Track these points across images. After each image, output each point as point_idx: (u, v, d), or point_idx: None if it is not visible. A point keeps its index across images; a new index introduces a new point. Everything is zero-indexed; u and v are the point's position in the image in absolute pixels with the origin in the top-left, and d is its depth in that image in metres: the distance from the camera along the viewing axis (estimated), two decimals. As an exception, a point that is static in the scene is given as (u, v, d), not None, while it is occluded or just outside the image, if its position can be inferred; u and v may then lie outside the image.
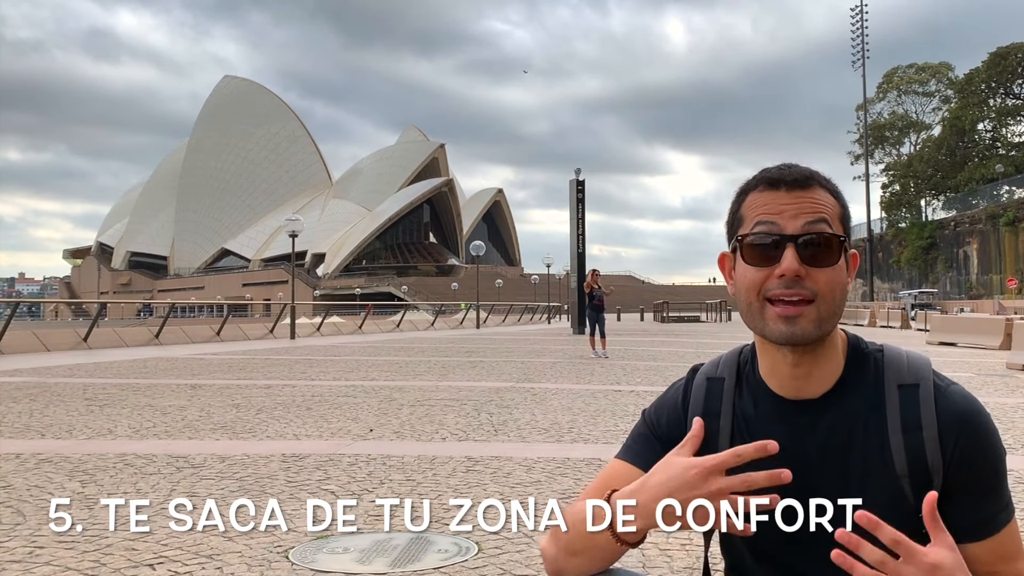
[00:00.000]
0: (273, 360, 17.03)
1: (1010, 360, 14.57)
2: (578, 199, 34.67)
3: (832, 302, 1.25)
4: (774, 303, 1.24)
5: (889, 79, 79.61)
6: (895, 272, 73.17)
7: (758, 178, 1.30)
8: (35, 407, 9.12)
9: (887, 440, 1.27)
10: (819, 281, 1.24)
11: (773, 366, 1.32)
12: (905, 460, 1.26)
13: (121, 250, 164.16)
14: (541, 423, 7.87)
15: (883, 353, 1.33)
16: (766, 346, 1.32)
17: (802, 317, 1.23)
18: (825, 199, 1.28)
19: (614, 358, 16.82)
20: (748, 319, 1.29)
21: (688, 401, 1.39)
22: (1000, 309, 41.13)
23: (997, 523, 1.27)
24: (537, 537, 3.98)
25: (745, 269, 1.27)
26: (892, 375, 1.30)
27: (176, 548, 3.78)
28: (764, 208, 1.27)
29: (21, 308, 35.36)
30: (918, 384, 1.29)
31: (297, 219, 32.66)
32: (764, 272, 1.25)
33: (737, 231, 1.30)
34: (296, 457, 6.06)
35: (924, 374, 1.30)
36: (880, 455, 1.27)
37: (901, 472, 1.26)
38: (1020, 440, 6.90)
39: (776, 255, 1.24)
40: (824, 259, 1.24)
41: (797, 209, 1.25)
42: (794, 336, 1.24)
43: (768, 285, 1.25)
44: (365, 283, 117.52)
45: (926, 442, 1.26)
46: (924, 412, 1.26)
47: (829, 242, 1.25)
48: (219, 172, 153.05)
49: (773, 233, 1.25)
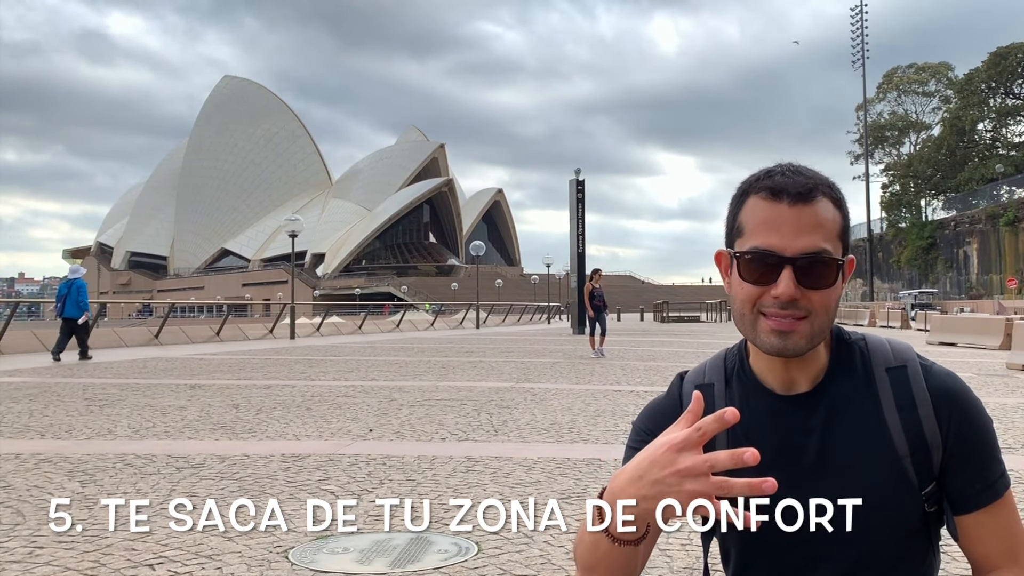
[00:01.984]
0: (273, 360, 17.02)
1: (1010, 360, 14.57)
2: (578, 199, 34.62)
3: (825, 318, 1.26)
4: (768, 317, 1.25)
5: (889, 79, 79.62)
6: (895, 272, 73.15)
7: (759, 184, 1.27)
8: (35, 407, 9.12)
9: (884, 422, 1.28)
10: (814, 301, 1.24)
11: (766, 364, 1.33)
12: (905, 439, 1.27)
13: (121, 250, 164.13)
14: (541, 423, 7.87)
15: (866, 341, 1.36)
16: (757, 350, 1.33)
17: (795, 333, 1.24)
18: (827, 212, 1.25)
19: (614, 358, 16.82)
20: (740, 327, 1.30)
21: (683, 409, 1.38)
22: (1000, 309, 41.13)
23: (998, 488, 1.30)
24: (537, 537, 3.98)
25: (741, 283, 1.27)
26: (879, 360, 1.32)
27: (176, 548, 3.78)
28: (764, 223, 1.25)
29: (21, 308, 35.34)
30: (905, 365, 1.31)
31: (297, 219, 32.67)
32: (760, 289, 1.25)
33: (735, 238, 1.29)
34: (296, 457, 6.06)
35: (909, 356, 1.33)
36: (879, 438, 1.28)
37: (903, 452, 1.27)
38: (1020, 440, 6.89)
39: (773, 275, 1.23)
40: (821, 282, 1.24)
41: (797, 226, 1.23)
42: (785, 350, 1.25)
43: (763, 301, 1.25)
44: (365, 283, 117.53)
45: (923, 420, 1.27)
46: (916, 390, 1.29)
47: (828, 265, 1.24)
48: (219, 172, 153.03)
49: (771, 253, 1.23)
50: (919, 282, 67.27)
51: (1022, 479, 5.26)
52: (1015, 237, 56.46)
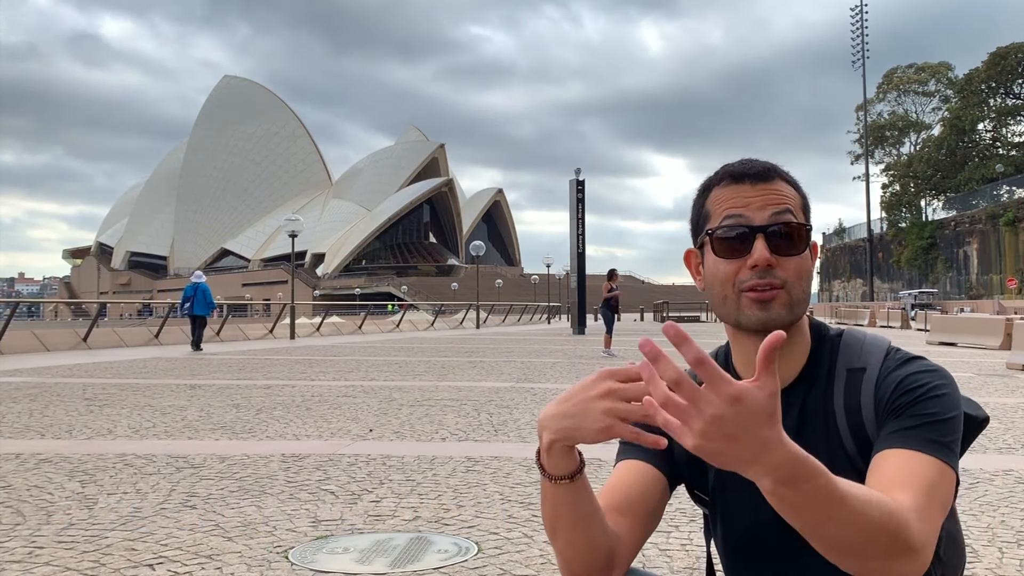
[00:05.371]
0: (273, 360, 17.02)
1: (1010, 360, 14.57)
2: (578, 199, 34.60)
3: (800, 288, 1.29)
4: (748, 291, 1.28)
5: (889, 79, 79.64)
6: (895, 272, 73.17)
7: (720, 173, 1.34)
8: (35, 407, 9.12)
9: (837, 424, 1.30)
10: (788, 269, 1.27)
11: (748, 357, 1.34)
12: (852, 441, 1.29)
13: (121, 250, 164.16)
14: (541, 423, 7.86)
15: (841, 338, 1.37)
16: (740, 337, 1.34)
17: (775, 301, 1.26)
18: (787, 190, 1.31)
19: (614, 358, 16.83)
20: (723, 310, 1.31)
21: None
22: (1000, 309, 41.16)
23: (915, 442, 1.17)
24: (537, 537, 3.98)
25: (716, 262, 1.30)
26: (844, 360, 1.34)
27: (176, 548, 3.78)
28: (731, 202, 1.30)
29: (21, 308, 35.36)
30: (865, 368, 1.32)
31: (297, 219, 32.63)
32: (736, 264, 1.28)
33: (704, 226, 1.33)
34: (296, 457, 6.06)
35: (873, 359, 1.32)
36: (838, 439, 1.30)
37: (851, 451, 1.28)
38: (1020, 440, 6.89)
39: (746, 247, 1.27)
40: (792, 248, 1.28)
41: (763, 201, 1.28)
42: (770, 320, 1.27)
43: (741, 277, 1.28)
44: (365, 283, 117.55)
45: (865, 421, 1.28)
46: (864, 395, 1.29)
47: (797, 231, 1.28)
48: (219, 172, 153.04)
49: (742, 225, 1.28)
50: (919, 282, 67.28)
51: (1022, 479, 5.26)
52: (1015, 237, 56.47)
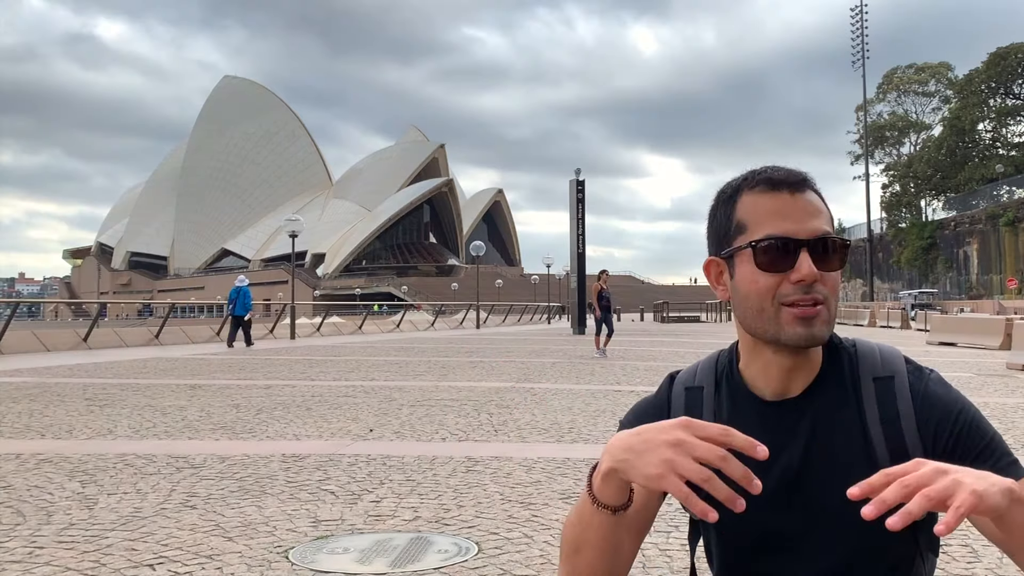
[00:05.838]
0: (273, 360, 17.02)
1: (1010, 360, 14.57)
2: (578, 199, 34.59)
3: (835, 304, 1.27)
4: (790, 306, 1.25)
5: (889, 79, 79.62)
6: (895, 272, 73.15)
7: (753, 180, 1.29)
8: (35, 407, 9.12)
9: (868, 433, 1.28)
10: (828, 284, 1.25)
11: (766, 368, 1.31)
12: (886, 449, 1.26)
13: (121, 250, 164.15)
14: (541, 423, 7.87)
15: (856, 348, 1.35)
16: (760, 349, 1.31)
17: (817, 318, 1.24)
18: (819, 202, 1.28)
19: (614, 358, 16.82)
20: (758, 324, 1.27)
21: (670, 410, 1.38)
22: (1000, 309, 41.14)
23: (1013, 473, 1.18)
24: (537, 537, 3.98)
25: (756, 274, 1.26)
26: (867, 369, 1.32)
27: (176, 548, 3.78)
28: (771, 213, 1.26)
29: (21, 308, 35.35)
30: (893, 376, 1.30)
31: (297, 219, 32.63)
32: (777, 278, 1.25)
33: (734, 235, 1.28)
34: (296, 457, 6.06)
35: (898, 367, 1.31)
36: (863, 448, 1.27)
37: (883, 461, 1.25)
38: (1020, 440, 6.89)
39: (789, 260, 1.24)
40: (833, 263, 1.26)
41: (803, 212, 1.25)
42: (812, 337, 1.24)
43: (783, 291, 1.24)
44: (365, 283, 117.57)
45: (905, 431, 1.26)
46: (900, 402, 1.28)
47: (838, 247, 1.26)
48: (219, 172, 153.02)
49: (788, 237, 1.24)
50: (919, 282, 67.26)
51: (1022, 479, 5.26)
52: (1015, 237, 56.46)
